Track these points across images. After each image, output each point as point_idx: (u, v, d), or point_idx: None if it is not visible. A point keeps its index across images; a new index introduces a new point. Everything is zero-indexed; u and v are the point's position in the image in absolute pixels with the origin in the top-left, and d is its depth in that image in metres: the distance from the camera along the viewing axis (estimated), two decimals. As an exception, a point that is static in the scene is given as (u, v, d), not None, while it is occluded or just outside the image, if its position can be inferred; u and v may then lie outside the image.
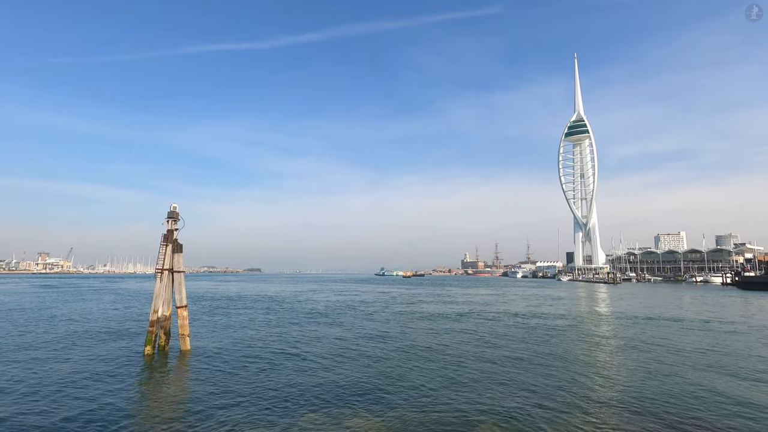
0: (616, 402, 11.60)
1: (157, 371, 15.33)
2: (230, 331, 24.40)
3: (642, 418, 10.29)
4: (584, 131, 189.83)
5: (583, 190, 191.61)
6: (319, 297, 56.47)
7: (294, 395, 12.15)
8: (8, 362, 16.24)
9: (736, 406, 11.22)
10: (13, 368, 15.27)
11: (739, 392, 12.50)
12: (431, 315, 33.98)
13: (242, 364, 16.04)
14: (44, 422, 10.04)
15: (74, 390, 12.60)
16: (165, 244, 18.10)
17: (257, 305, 42.86)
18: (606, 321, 30.72)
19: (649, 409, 11.01)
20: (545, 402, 11.56)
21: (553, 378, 14.11)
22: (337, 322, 28.85)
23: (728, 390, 12.72)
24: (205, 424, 9.96)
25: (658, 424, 9.96)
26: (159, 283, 17.73)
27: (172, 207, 18.45)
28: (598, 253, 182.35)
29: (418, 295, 61.41)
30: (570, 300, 53.55)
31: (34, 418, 10.26)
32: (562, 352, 18.53)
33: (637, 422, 10.04)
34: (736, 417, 10.44)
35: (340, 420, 10.19)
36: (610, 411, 10.86)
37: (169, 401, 11.82)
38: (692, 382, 13.60)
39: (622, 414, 10.63)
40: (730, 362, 16.60)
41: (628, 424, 9.94)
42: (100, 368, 15.29)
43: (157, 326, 17.62)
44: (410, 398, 11.91)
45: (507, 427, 9.76)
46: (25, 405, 11.24)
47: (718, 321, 30.00)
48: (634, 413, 10.66)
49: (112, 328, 25.32)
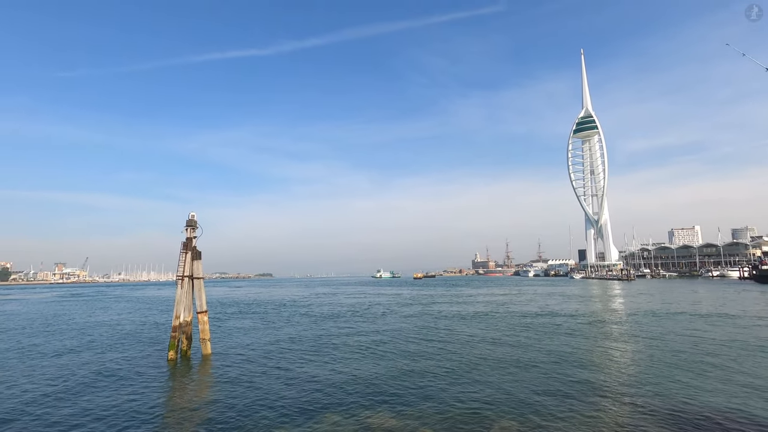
0: (634, 398, 11.75)
1: (180, 375, 15.83)
2: (249, 335, 24.91)
3: (660, 413, 10.44)
4: (593, 127, 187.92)
5: (594, 187, 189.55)
6: (332, 300, 56.93)
7: (315, 396, 12.52)
8: (44, 366, 16.91)
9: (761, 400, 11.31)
10: (48, 370, 15.91)
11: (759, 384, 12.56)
12: (445, 315, 34.16)
13: (262, 367, 16.48)
14: (74, 421, 10.55)
15: (104, 391, 13.14)
16: (185, 252, 18.64)
17: (272, 309, 43.44)
18: (621, 318, 30.59)
19: (668, 404, 11.14)
20: (563, 400, 11.76)
21: (570, 376, 14.27)
22: (352, 324, 29.22)
23: (749, 382, 12.77)
24: (230, 423, 10.37)
25: (676, 418, 10.10)
26: (180, 289, 18.27)
27: (191, 215, 19.00)
28: (611, 250, 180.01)
29: (430, 297, 61.53)
30: (583, 298, 53.19)
31: (66, 417, 10.78)
32: (577, 350, 18.62)
33: (655, 417, 10.20)
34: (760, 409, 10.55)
35: (361, 419, 10.51)
36: (628, 408, 11.02)
37: (193, 403, 12.26)
38: (714, 376, 13.66)
39: (640, 410, 10.78)
40: (748, 355, 16.55)
41: (647, 419, 10.11)
42: (127, 372, 15.86)
43: (179, 331, 18.15)
44: (428, 397, 12.19)
45: (524, 422, 10.00)
46: (57, 404, 11.79)
47: (735, 315, 29.68)
48: (652, 409, 10.82)
49: (138, 334, 26.04)
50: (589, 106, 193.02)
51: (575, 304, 42.81)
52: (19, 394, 13.25)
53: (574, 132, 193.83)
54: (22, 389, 13.87)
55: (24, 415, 11.31)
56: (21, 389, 13.87)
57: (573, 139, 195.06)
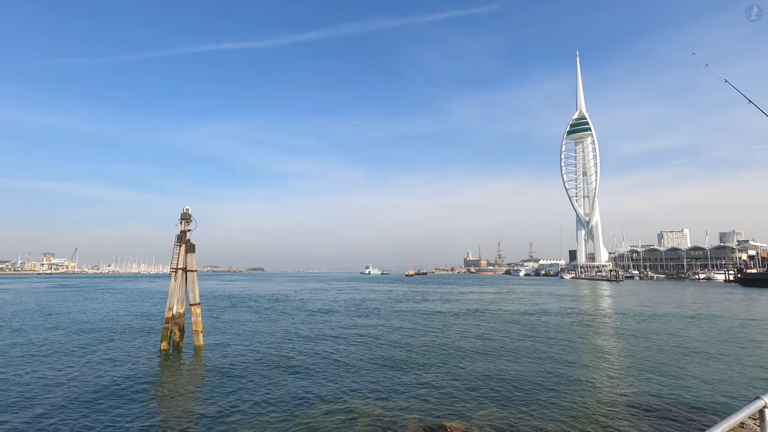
0: (619, 395, 12.27)
1: (172, 365, 16.12)
2: (240, 327, 25.18)
3: (642, 408, 10.97)
4: (586, 129, 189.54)
5: (586, 188, 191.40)
6: (323, 295, 57.27)
7: (305, 386, 12.89)
8: (36, 356, 17.06)
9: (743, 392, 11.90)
10: (42, 359, 16.09)
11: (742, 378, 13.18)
12: (434, 311, 34.68)
13: (254, 358, 16.82)
14: (66, 408, 10.81)
15: (96, 380, 13.38)
16: (179, 245, 18.86)
17: (264, 303, 43.69)
18: (606, 316, 31.32)
19: (651, 400, 11.69)
20: (545, 390, 12.25)
21: (553, 369, 14.78)
22: (342, 318, 29.60)
23: (731, 378, 13.39)
24: (222, 412, 10.71)
25: (654, 411, 10.64)
26: (173, 281, 18.49)
27: (185, 209, 19.21)
28: (601, 251, 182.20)
29: (420, 293, 62.12)
30: (571, 297, 54.11)
31: (58, 404, 11.03)
32: (561, 346, 19.18)
33: (635, 409, 10.73)
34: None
35: (350, 408, 10.91)
36: (607, 399, 11.53)
37: (185, 392, 12.57)
38: (693, 374, 14.27)
39: (626, 406, 11.30)
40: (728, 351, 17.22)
41: (624, 410, 10.63)
42: (120, 362, 16.09)
43: (172, 323, 18.39)
44: (415, 387, 12.62)
45: (505, 409, 10.46)
46: (49, 391, 12.02)
47: (716, 316, 30.55)
48: (636, 404, 11.35)
49: (131, 325, 26.19)
50: (583, 108, 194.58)
51: (563, 303, 43.59)
52: (13, 384, 13.46)
53: (568, 133, 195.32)
54: (15, 379, 14.07)
55: (16, 402, 11.55)
56: (13, 379, 14.07)
57: (566, 140, 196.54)
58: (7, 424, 9.90)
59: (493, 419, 10.08)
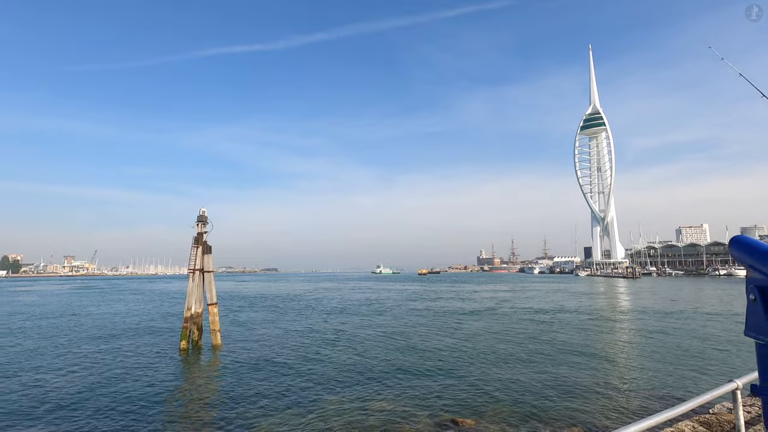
0: (634, 394, 12.27)
1: (192, 363, 16.62)
2: (257, 326, 25.70)
3: (657, 407, 10.98)
4: (600, 124, 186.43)
5: (601, 184, 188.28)
6: (337, 294, 57.77)
7: (320, 382, 13.19)
8: (61, 354, 17.77)
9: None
10: (68, 357, 16.76)
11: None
12: (449, 310, 34.76)
13: (270, 356, 17.21)
14: (90, 403, 11.31)
15: (119, 376, 13.92)
16: (196, 246, 19.38)
17: (280, 303, 44.33)
18: (623, 314, 30.99)
19: (667, 399, 11.68)
20: (558, 389, 12.31)
21: (568, 367, 14.81)
22: (357, 318, 29.92)
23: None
24: (239, 407, 11.07)
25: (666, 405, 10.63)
26: (191, 282, 19.02)
27: (201, 211, 19.73)
28: (617, 248, 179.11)
29: (434, 292, 62.15)
30: (587, 295, 53.51)
31: (83, 399, 11.54)
32: (576, 344, 19.13)
33: (654, 412, 10.74)
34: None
35: (364, 405, 11.16)
36: (628, 403, 11.56)
37: (204, 389, 12.99)
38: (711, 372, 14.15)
39: (640, 407, 11.32)
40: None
41: (646, 413, 10.66)
42: (142, 360, 16.67)
43: (191, 322, 18.92)
44: (428, 385, 12.80)
45: (516, 406, 10.58)
46: (75, 387, 12.56)
47: (740, 313, 29.95)
48: (651, 402, 11.35)
49: (152, 325, 27.00)
50: (597, 102, 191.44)
51: (579, 301, 43.19)
52: (40, 377, 14.09)
53: (581, 129, 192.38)
54: (42, 374, 14.71)
55: (43, 395, 12.11)
56: (40, 374, 14.71)
57: (580, 135, 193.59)
58: (41, 420, 10.41)
59: (505, 416, 10.21)
